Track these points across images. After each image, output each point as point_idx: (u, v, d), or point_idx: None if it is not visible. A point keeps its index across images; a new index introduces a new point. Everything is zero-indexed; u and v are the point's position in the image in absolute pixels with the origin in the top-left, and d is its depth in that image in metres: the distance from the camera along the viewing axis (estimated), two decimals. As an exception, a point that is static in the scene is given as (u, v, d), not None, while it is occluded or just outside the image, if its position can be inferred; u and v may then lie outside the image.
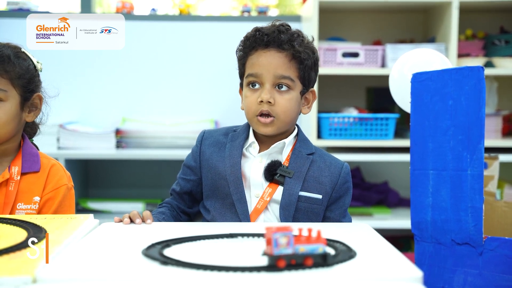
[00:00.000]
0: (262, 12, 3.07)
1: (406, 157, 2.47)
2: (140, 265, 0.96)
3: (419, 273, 0.92)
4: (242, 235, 1.17)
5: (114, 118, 2.93)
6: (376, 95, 2.96)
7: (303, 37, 1.47)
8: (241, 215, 1.43)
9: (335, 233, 1.16)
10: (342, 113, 2.71)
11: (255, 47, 1.46)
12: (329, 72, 2.61)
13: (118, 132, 2.77)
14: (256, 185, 1.46)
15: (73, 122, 2.87)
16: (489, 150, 2.39)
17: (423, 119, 1.26)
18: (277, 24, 1.47)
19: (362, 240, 1.13)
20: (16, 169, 1.45)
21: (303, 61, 1.44)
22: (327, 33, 2.90)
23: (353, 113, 2.69)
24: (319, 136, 2.66)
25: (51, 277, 0.89)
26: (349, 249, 1.04)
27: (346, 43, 2.79)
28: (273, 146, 1.47)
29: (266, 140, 1.49)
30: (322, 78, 2.70)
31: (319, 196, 1.45)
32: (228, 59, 1.66)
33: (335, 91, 2.95)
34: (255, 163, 1.47)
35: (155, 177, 2.98)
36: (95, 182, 3.00)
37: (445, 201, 1.23)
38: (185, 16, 3.00)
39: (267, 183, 1.45)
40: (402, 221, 2.62)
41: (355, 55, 2.66)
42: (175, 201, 1.56)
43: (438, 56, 1.60)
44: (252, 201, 1.45)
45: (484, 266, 1.19)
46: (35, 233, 1.12)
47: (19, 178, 1.44)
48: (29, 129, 1.57)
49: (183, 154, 1.68)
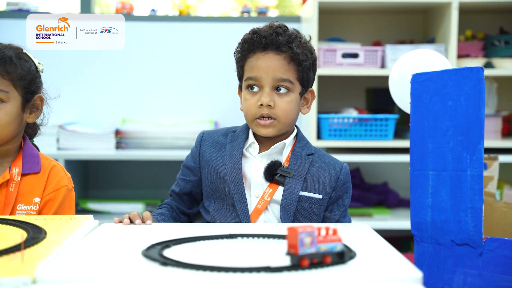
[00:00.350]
0: (262, 13, 3.07)
1: (405, 157, 2.47)
2: (139, 265, 0.96)
3: (418, 273, 0.92)
4: (242, 235, 1.17)
5: (113, 118, 2.93)
6: (376, 95, 2.96)
7: (300, 37, 1.47)
8: (241, 215, 1.43)
9: (335, 233, 1.16)
10: (342, 113, 2.71)
11: (253, 49, 1.45)
12: (329, 73, 2.62)
13: (117, 132, 2.77)
14: (256, 186, 1.46)
15: (73, 122, 2.87)
16: (489, 150, 2.38)
17: (422, 120, 1.26)
18: (274, 25, 1.46)
19: (362, 240, 1.13)
20: (16, 170, 1.45)
21: (302, 62, 1.44)
22: (326, 33, 2.90)
23: (352, 113, 2.69)
24: (319, 136, 2.66)
25: (50, 277, 0.89)
26: (349, 249, 1.04)
27: (346, 43, 2.80)
28: (273, 147, 1.47)
29: (266, 140, 1.49)
30: (321, 79, 2.70)
31: (319, 196, 1.45)
32: (228, 60, 1.66)
33: (335, 91, 2.96)
34: (255, 163, 1.47)
35: (154, 177, 2.98)
36: (94, 182, 3.00)
37: (444, 202, 1.23)
38: (184, 17, 3.00)
39: (267, 183, 1.45)
40: (401, 221, 2.62)
41: (355, 55, 2.66)
42: (175, 202, 1.56)
43: (438, 56, 1.60)
44: (252, 201, 1.45)
45: (483, 267, 1.19)
46: (35, 233, 1.12)
47: (19, 179, 1.44)
48: (30, 130, 1.57)
49: (183, 154, 1.68)
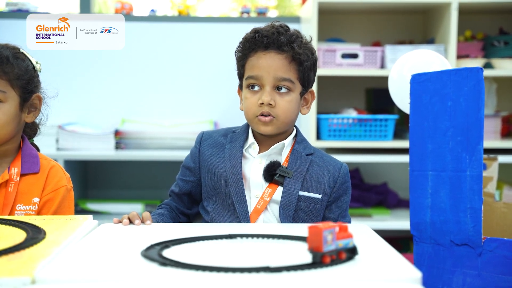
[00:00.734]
0: (262, 13, 3.06)
1: (405, 158, 2.47)
2: (139, 266, 0.96)
3: (418, 274, 0.92)
4: (241, 235, 1.17)
5: (113, 119, 2.93)
6: (375, 96, 2.96)
7: (302, 38, 1.47)
8: (241, 215, 1.43)
9: (334, 234, 1.16)
10: (341, 114, 2.71)
11: (255, 48, 1.46)
12: (328, 73, 2.62)
13: (117, 133, 2.77)
14: (256, 186, 1.46)
15: (72, 123, 2.87)
16: (488, 151, 2.38)
17: (422, 120, 1.26)
18: (276, 25, 1.46)
19: (361, 241, 1.13)
20: (15, 170, 1.45)
21: (303, 62, 1.44)
22: (326, 34, 2.90)
23: (352, 114, 2.69)
24: (318, 137, 2.66)
25: (50, 278, 0.89)
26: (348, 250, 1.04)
27: (345, 44, 2.80)
28: (272, 147, 1.47)
29: (265, 141, 1.49)
30: (321, 79, 2.70)
31: (319, 196, 1.45)
32: (228, 60, 1.66)
33: (334, 92, 2.96)
34: (254, 164, 1.48)
35: (154, 178, 2.98)
36: (94, 183, 3.00)
37: (444, 202, 1.23)
38: (184, 17, 3.00)
39: (266, 184, 1.45)
40: (401, 222, 2.62)
41: (354, 56, 2.67)
42: (174, 202, 1.56)
43: (437, 57, 1.60)
44: (252, 202, 1.45)
45: (483, 267, 1.19)
46: (34, 234, 1.12)
47: (18, 179, 1.44)
48: (29, 130, 1.57)
49: (183, 155, 1.68)
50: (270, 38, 1.43)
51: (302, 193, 1.45)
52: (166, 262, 0.95)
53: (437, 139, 1.24)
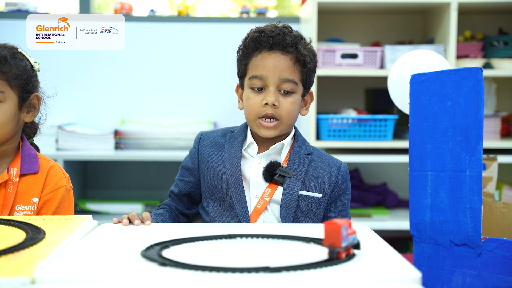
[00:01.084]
0: (261, 13, 3.06)
1: (405, 158, 2.47)
2: (138, 266, 0.96)
3: (417, 274, 0.92)
4: (241, 235, 1.17)
5: (112, 119, 2.93)
6: (375, 96, 2.96)
7: (305, 39, 1.47)
8: (240, 216, 1.43)
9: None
10: (341, 114, 2.71)
11: (259, 48, 1.45)
12: (328, 73, 2.62)
13: (116, 133, 2.77)
14: (255, 186, 1.46)
15: (72, 123, 2.87)
16: (488, 151, 2.39)
17: (421, 120, 1.26)
18: (280, 25, 1.46)
19: (361, 241, 1.13)
20: (15, 171, 1.45)
21: (307, 64, 1.45)
22: (326, 34, 2.90)
23: (351, 114, 2.69)
24: (318, 137, 2.66)
25: (49, 278, 0.89)
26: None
27: (345, 44, 2.80)
28: (272, 147, 1.47)
29: (265, 141, 1.49)
30: (320, 79, 2.70)
31: (319, 195, 1.45)
32: (227, 60, 1.66)
33: (334, 92, 2.96)
34: (254, 164, 1.47)
35: (153, 178, 2.98)
36: (93, 183, 3.00)
37: (443, 202, 1.23)
38: (183, 17, 3.00)
39: (266, 184, 1.45)
40: (400, 222, 2.62)
41: (354, 56, 2.67)
42: (174, 202, 1.55)
43: (437, 57, 1.60)
44: (252, 202, 1.45)
45: (482, 267, 1.19)
46: (34, 234, 1.12)
47: (17, 179, 1.44)
48: (28, 130, 1.57)
49: (182, 155, 1.68)
50: (275, 39, 1.43)
51: (302, 192, 1.45)
52: (165, 262, 0.95)
53: (437, 139, 1.24)
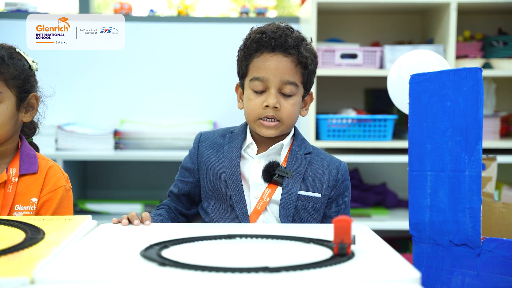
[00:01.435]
0: (261, 13, 3.06)
1: (404, 158, 2.47)
2: (138, 266, 0.96)
3: (417, 274, 0.92)
4: (241, 236, 1.17)
5: (112, 119, 2.93)
6: (374, 96, 2.96)
7: (306, 40, 1.47)
8: (240, 216, 1.43)
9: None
10: (341, 114, 2.71)
11: (261, 49, 1.44)
12: (328, 74, 2.62)
13: (116, 133, 2.77)
14: (255, 186, 1.46)
15: (71, 123, 2.87)
16: (487, 151, 2.39)
17: (421, 120, 1.26)
18: (281, 26, 1.45)
19: (360, 241, 1.13)
20: (14, 171, 1.45)
21: (308, 66, 1.44)
22: (325, 34, 2.90)
23: (351, 114, 2.69)
24: (318, 137, 2.66)
25: (49, 278, 0.89)
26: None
27: (345, 44, 2.80)
28: (271, 148, 1.47)
29: (264, 141, 1.49)
30: (320, 80, 2.70)
31: (318, 195, 1.45)
32: (227, 60, 1.66)
33: (334, 92, 2.96)
34: (253, 164, 1.47)
35: (153, 178, 2.98)
36: (93, 183, 3.00)
37: (443, 202, 1.23)
38: (183, 17, 3.00)
39: (266, 184, 1.45)
40: (400, 222, 2.62)
41: (354, 56, 2.67)
42: (173, 202, 1.55)
43: (436, 57, 1.60)
44: (251, 202, 1.45)
45: (482, 267, 1.19)
46: (33, 234, 1.12)
47: (17, 179, 1.44)
48: (27, 129, 1.57)
49: (182, 155, 1.68)
50: (278, 41, 1.42)
51: (301, 192, 1.44)
52: (165, 262, 0.95)
53: (436, 139, 1.24)
